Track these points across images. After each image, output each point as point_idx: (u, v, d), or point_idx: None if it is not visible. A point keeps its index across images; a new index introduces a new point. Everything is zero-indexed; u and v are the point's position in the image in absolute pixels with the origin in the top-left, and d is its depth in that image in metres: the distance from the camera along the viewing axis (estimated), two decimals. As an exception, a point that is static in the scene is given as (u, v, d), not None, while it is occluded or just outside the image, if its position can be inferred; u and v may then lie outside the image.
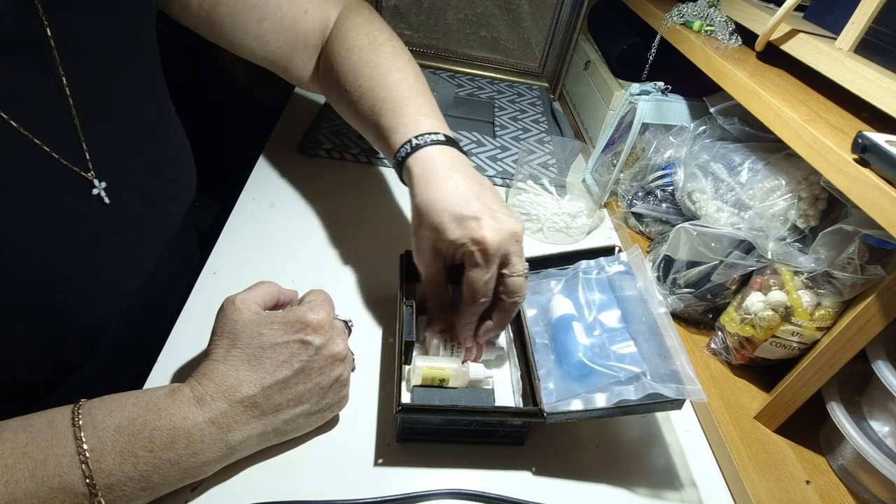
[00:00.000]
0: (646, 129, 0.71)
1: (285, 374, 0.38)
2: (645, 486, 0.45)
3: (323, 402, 0.41)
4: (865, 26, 0.47)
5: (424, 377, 0.46)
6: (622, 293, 0.52)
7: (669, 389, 0.41)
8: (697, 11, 0.69)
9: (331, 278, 0.58)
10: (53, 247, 0.37)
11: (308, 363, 0.39)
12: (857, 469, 0.46)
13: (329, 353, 0.39)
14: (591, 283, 0.53)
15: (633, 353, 0.46)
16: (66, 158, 0.37)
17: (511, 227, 0.44)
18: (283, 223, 0.64)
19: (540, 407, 0.43)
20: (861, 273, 0.44)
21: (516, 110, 1.00)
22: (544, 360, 0.48)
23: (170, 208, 0.51)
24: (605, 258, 0.55)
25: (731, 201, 0.58)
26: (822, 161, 0.43)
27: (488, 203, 0.45)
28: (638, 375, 0.43)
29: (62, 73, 0.36)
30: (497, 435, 0.45)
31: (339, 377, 0.41)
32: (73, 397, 0.35)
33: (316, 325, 0.39)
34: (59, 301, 0.38)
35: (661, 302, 0.48)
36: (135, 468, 0.33)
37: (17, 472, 0.30)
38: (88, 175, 0.39)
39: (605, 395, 0.43)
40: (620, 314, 0.50)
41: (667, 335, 0.46)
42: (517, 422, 0.43)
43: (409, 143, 0.47)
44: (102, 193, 0.40)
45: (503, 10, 1.05)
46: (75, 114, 0.37)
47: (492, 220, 0.43)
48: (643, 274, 0.51)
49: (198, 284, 0.54)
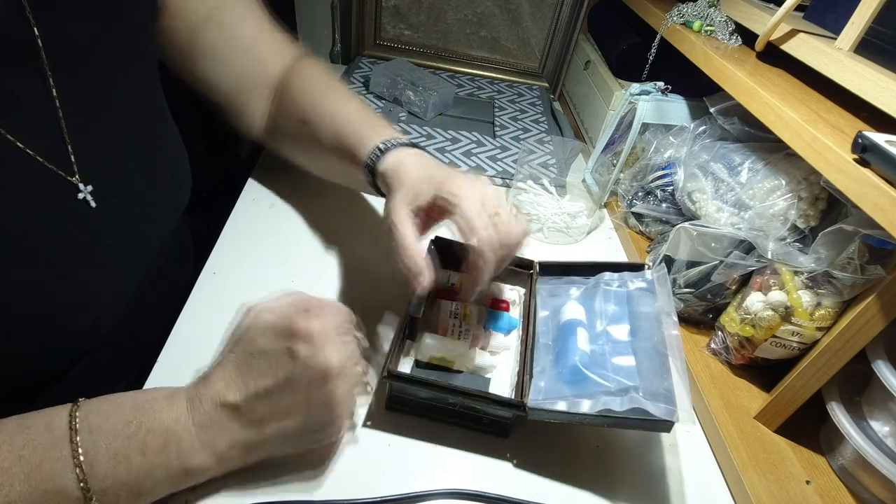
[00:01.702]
0: (646, 129, 0.71)
1: (267, 383, 0.35)
2: (645, 486, 0.45)
3: (311, 420, 0.36)
4: (865, 26, 0.47)
5: (432, 358, 0.47)
6: (637, 309, 0.51)
7: (658, 408, 0.39)
8: (697, 11, 0.69)
9: (331, 278, 0.58)
10: (41, 250, 0.37)
11: (293, 374, 0.35)
12: (857, 469, 0.46)
13: (316, 364, 0.35)
14: (609, 295, 0.53)
15: (630, 366, 0.45)
16: (50, 162, 0.37)
17: (485, 185, 0.46)
18: (283, 223, 0.64)
19: (523, 400, 0.43)
20: (861, 273, 0.44)
21: (516, 110, 1.00)
22: (542, 359, 0.48)
23: (168, 209, 0.51)
24: (630, 273, 0.54)
25: (731, 201, 0.58)
26: (822, 161, 0.43)
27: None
28: (628, 389, 0.42)
29: (50, 77, 0.36)
30: (482, 422, 0.46)
31: (328, 394, 0.36)
32: (70, 396, 0.35)
33: (305, 333, 0.35)
34: (50, 303, 0.38)
35: (675, 324, 0.46)
36: (127, 473, 0.32)
37: (13, 476, 0.30)
38: (73, 179, 0.38)
39: (591, 402, 0.42)
40: (629, 328, 0.49)
41: (673, 357, 0.44)
42: (499, 410, 0.44)
43: (378, 148, 0.50)
44: (88, 197, 0.39)
45: (503, 10, 1.05)
46: (62, 116, 0.37)
47: (464, 176, 0.46)
48: (666, 293, 0.50)
49: (198, 284, 0.54)
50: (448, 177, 0.45)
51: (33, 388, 0.41)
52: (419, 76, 0.93)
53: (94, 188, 0.40)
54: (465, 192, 0.43)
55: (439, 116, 0.93)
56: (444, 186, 0.44)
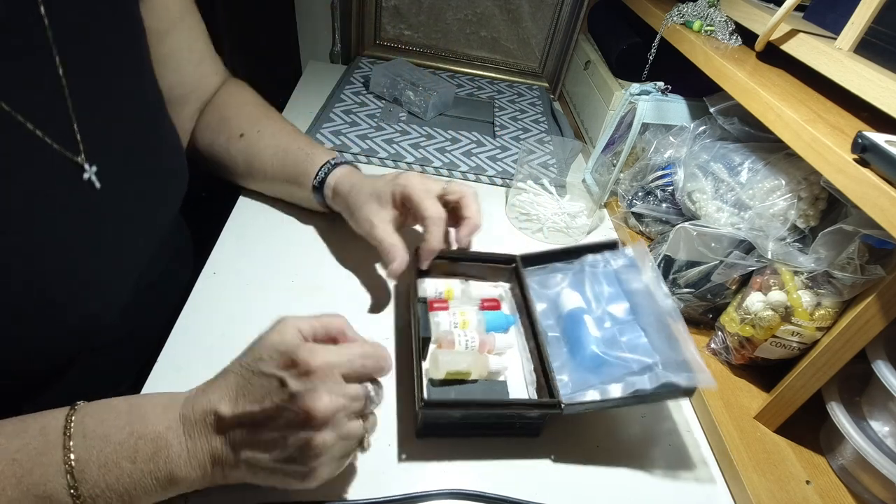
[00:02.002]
0: (646, 129, 0.71)
1: (253, 409, 0.33)
2: (645, 486, 0.45)
3: (283, 461, 0.33)
4: (865, 26, 0.47)
5: (448, 374, 0.46)
6: (629, 286, 0.53)
7: (682, 378, 0.42)
8: (697, 11, 0.69)
9: (331, 278, 0.58)
10: (47, 231, 0.37)
11: (279, 408, 0.33)
12: (857, 469, 0.46)
13: (303, 406, 0.32)
14: (598, 277, 0.54)
15: (644, 343, 0.48)
16: (57, 142, 0.37)
17: (426, 176, 0.55)
18: (283, 223, 0.64)
19: (557, 398, 0.43)
20: (861, 273, 0.44)
21: (516, 110, 1.00)
22: (557, 352, 0.49)
23: (167, 196, 0.51)
24: (611, 252, 0.56)
25: (731, 201, 0.58)
26: (822, 161, 0.43)
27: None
28: (651, 366, 0.45)
29: (57, 59, 0.37)
30: (514, 427, 0.46)
31: (307, 440, 0.32)
32: (70, 395, 0.35)
33: (303, 366, 0.32)
34: (55, 289, 0.38)
35: (666, 294, 0.49)
36: (118, 480, 0.32)
37: (4, 479, 0.30)
38: (79, 159, 0.39)
39: (621, 385, 0.44)
40: (628, 306, 0.51)
41: (674, 326, 0.47)
42: (534, 413, 0.44)
43: (326, 165, 0.59)
44: (93, 178, 0.40)
45: (503, 10, 1.05)
46: (68, 96, 0.38)
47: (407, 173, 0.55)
48: (649, 267, 0.52)
49: (198, 284, 0.54)
50: (396, 174, 0.55)
51: (32, 383, 0.41)
52: (419, 76, 0.93)
53: (99, 169, 0.40)
54: (411, 181, 0.53)
55: (439, 116, 0.93)
56: (397, 180, 0.54)
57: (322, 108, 0.88)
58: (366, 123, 0.85)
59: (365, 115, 0.87)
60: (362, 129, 0.83)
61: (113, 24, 0.42)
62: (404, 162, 0.78)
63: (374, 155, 0.78)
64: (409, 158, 0.79)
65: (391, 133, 0.84)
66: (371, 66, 1.02)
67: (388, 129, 0.85)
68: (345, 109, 0.87)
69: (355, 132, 0.82)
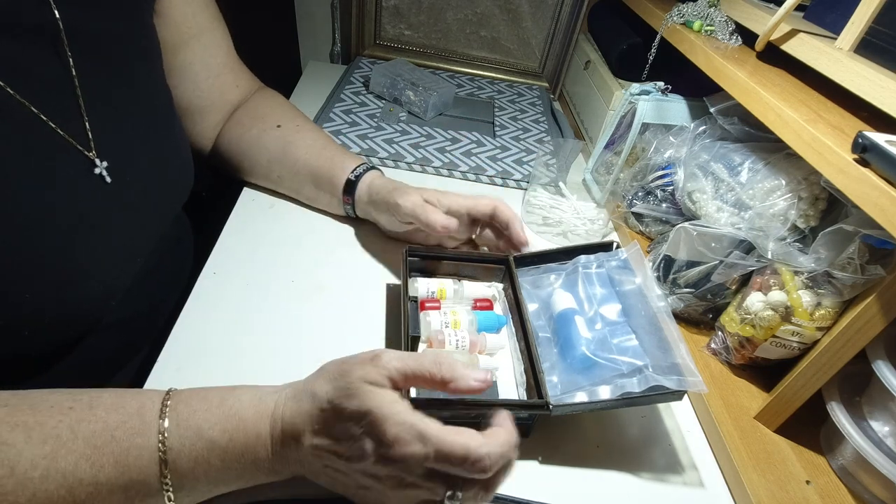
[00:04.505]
0: (646, 129, 0.71)
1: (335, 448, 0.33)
2: (645, 486, 0.45)
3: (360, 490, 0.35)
4: (865, 26, 0.47)
5: None
6: (622, 287, 0.52)
7: (671, 381, 0.42)
8: (697, 11, 0.69)
9: (331, 278, 0.58)
10: (58, 220, 0.38)
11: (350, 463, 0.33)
12: (858, 469, 0.46)
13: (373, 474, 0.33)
14: (591, 278, 0.54)
15: (634, 346, 0.47)
16: (71, 137, 0.39)
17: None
18: (283, 223, 0.64)
19: (546, 399, 0.43)
20: (861, 273, 0.44)
21: (516, 110, 1.00)
22: (547, 353, 0.49)
23: (171, 194, 0.52)
24: (605, 253, 0.56)
25: (731, 201, 0.58)
26: (822, 161, 0.43)
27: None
28: (640, 368, 0.44)
29: (70, 58, 0.39)
30: None
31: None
32: (76, 374, 0.36)
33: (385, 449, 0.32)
34: (62, 272, 0.39)
35: (660, 296, 0.49)
36: (206, 475, 0.34)
37: (104, 456, 0.31)
38: (90, 154, 0.41)
39: (609, 387, 0.44)
40: (621, 308, 0.51)
41: (666, 328, 0.47)
42: (523, 414, 0.44)
43: (363, 164, 0.62)
44: (104, 173, 0.42)
45: (503, 10, 1.05)
46: (80, 94, 0.40)
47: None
48: (643, 269, 0.52)
49: (198, 284, 0.54)
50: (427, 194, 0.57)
51: (38, 361, 0.43)
52: (419, 76, 0.93)
53: (109, 164, 0.42)
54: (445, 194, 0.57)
55: (439, 116, 0.93)
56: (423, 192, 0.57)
57: (322, 107, 0.88)
58: (366, 123, 0.85)
59: (365, 115, 0.87)
60: (362, 128, 0.83)
61: (125, 31, 0.45)
62: (404, 162, 0.78)
63: (374, 155, 0.78)
64: (408, 158, 0.79)
65: (391, 133, 0.84)
66: (371, 66, 1.02)
67: (388, 128, 0.85)
68: (345, 109, 0.87)
69: (355, 132, 0.82)
